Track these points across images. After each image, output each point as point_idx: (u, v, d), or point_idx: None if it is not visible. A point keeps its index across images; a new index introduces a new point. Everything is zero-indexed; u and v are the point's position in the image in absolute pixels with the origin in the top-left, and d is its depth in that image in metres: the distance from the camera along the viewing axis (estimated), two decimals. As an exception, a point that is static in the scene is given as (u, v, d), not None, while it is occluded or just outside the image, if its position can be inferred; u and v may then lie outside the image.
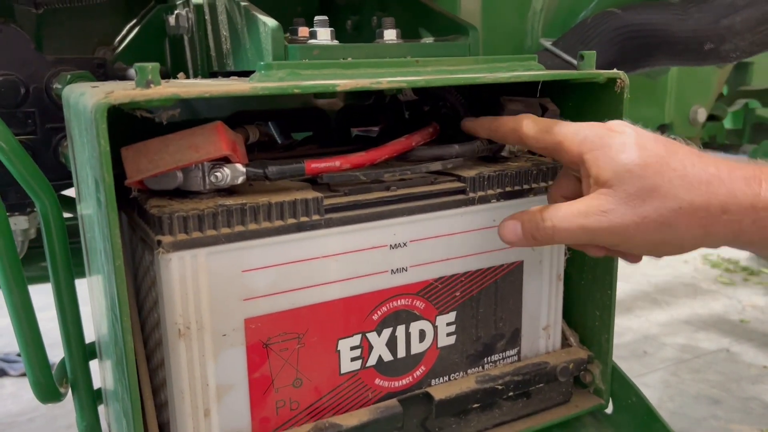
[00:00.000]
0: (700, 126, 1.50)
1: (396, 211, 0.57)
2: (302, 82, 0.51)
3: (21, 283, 0.61)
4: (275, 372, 0.55)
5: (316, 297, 0.55)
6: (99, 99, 0.43)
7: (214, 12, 0.76)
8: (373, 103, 0.81)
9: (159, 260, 0.49)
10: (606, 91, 0.65)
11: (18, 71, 0.72)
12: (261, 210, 0.52)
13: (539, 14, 1.13)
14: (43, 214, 0.62)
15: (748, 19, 0.92)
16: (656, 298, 2.64)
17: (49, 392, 0.63)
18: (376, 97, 0.80)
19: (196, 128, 0.49)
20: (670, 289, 2.74)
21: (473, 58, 0.63)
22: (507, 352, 0.66)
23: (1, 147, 0.59)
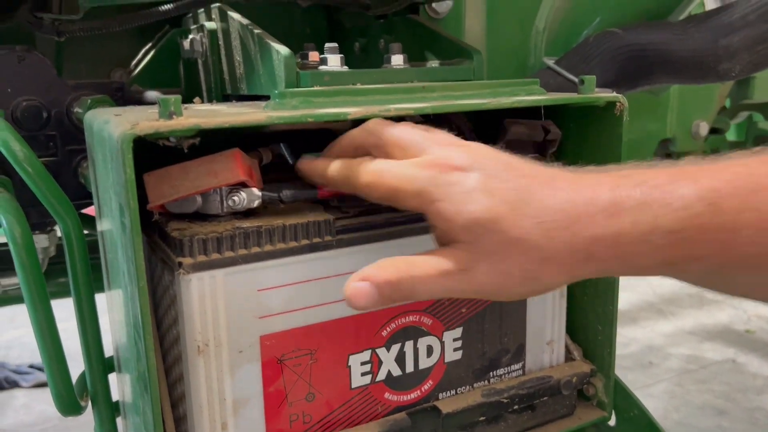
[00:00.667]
0: (703, 140, 1.52)
1: (403, 231, 0.60)
2: (315, 110, 0.54)
3: (45, 300, 0.63)
4: (289, 386, 0.57)
5: (328, 314, 0.58)
6: (125, 130, 0.46)
7: (228, 37, 0.79)
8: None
9: (180, 281, 0.51)
10: (606, 113, 0.67)
11: (41, 96, 0.74)
12: (276, 232, 0.54)
13: (542, 33, 1.16)
14: (66, 234, 0.64)
15: (745, 39, 0.94)
16: (662, 309, 2.65)
17: (70, 405, 0.66)
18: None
19: (215, 155, 0.52)
20: (676, 300, 2.75)
21: (477, 83, 0.65)
22: (512, 366, 0.69)
23: (26, 171, 0.62)
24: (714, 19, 0.98)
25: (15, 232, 0.61)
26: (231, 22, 0.77)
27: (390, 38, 0.93)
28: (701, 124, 1.49)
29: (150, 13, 0.77)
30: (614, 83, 1.04)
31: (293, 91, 0.58)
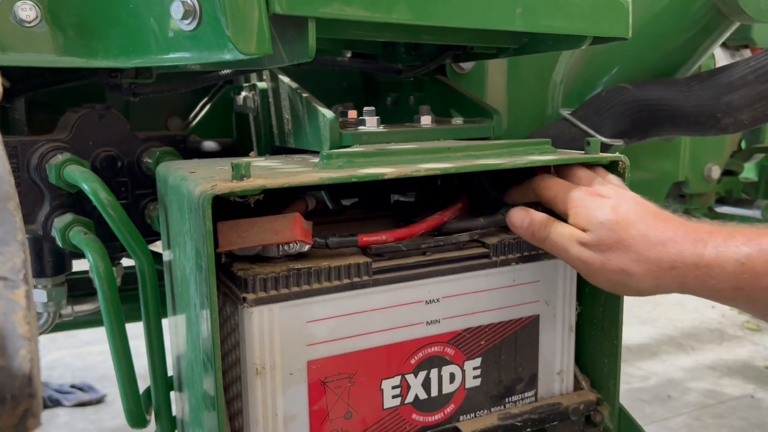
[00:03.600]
0: (715, 182, 1.59)
1: (431, 273, 0.69)
2: (358, 170, 0.64)
3: (121, 325, 0.74)
4: (330, 405, 0.66)
5: (365, 343, 0.67)
6: (205, 189, 0.57)
7: (278, 96, 0.90)
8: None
9: (243, 313, 0.61)
10: (611, 169, 0.76)
11: (116, 148, 0.86)
12: (323, 272, 0.64)
13: (559, 86, 1.26)
14: (140, 270, 0.75)
15: (745, 97, 1.03)
16: (682, 343, 2.69)
17: (139, 419, 0.76)
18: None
19: (279, 216, 0.62)
20: (696, 334, 2.78)
21: (496, 144, 0.75)
22: (525, 393, 0.77)
23: (111, 216, 0.73)
24: (716, 78, 1.07)
25: (100, 268, 0.72)
26: (281, 84, 0.89)
27: (419, 95, 1.03)
28: (713, 168, 1.56)
29: (211, 76, 0.88)
30: (626, 134, 1.14)
31: (338, 152, 0.68)
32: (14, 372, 0.30)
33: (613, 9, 0.77)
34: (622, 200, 0.67)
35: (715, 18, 1.07)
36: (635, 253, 0.63)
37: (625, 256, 0.64)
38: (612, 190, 0.69)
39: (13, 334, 0.31)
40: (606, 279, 0.66)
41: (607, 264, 0.65)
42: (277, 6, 0.59)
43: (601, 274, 0.66)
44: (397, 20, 0.66)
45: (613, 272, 0.65)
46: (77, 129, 0.83)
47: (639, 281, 0.64)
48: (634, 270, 0.64)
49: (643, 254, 0.63)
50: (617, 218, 0.65)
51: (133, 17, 0.69)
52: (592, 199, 0.67)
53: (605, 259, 0.65)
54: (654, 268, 0.63)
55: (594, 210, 0.66)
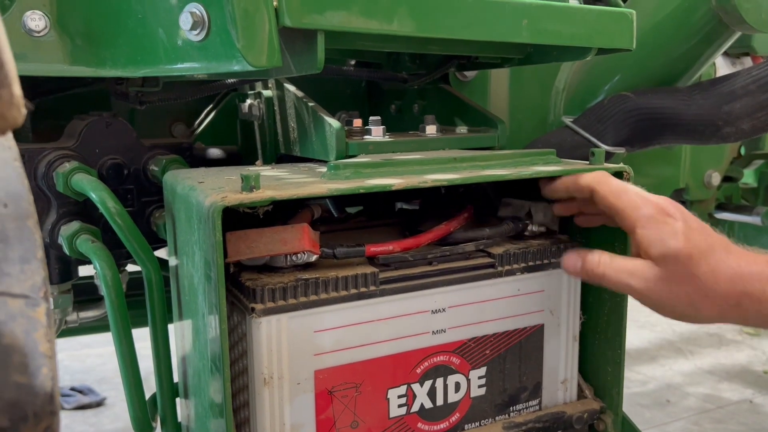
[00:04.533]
0: (715, 189, 1.60)
1: (437, 283, 0.70)
2: (365, 181, 0.64)
3: (128, 332, 0.74)
4: (337, 415, 0.67)
5: (372, 353, 0.68)
6: (216, 201, 0.57)
7: (283, 105, 0.91)
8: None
9: (251, 323, 0.62)
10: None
11: (122, 156, 0.87)
12: (330, 282, 0.65)
13: (561, 94, 1.27)
14: (147, 277, 0.76)
15: (746, 106, 1.04)
16: (680, 348, 2.69)
17: (145, 425, 0.76)
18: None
19: (287, 227, 0.63)
20: (695, 339, 2.79)
21: (501, 154, 0.76)
22: (530, 402, 0.77)
23: (118, 224, 0.73)
24: (718, 87, 1.07)
25: (107, 277, 0.73)
26: (286, 92, 0.89)
27: (423, 103, 1.04)
28: (713, 174, 1.57)
29: (217, 85, 0.89)
30: (627, 142, 1.14)
31: (345, 162, 0.69)
32: (36, 390, 0.31)
33: (617, 21, 0.77)
34: (690, 223, 0.65)
35: (717, 28, 1.08)
36: (704, 288, 0.63)
37: (695, 291, 0.63)
38: (672, 204, 0.67)
39: (34, 352, 0.32)
40: (671, 310, 0.65)
41: (674, 298, 0.64)
42: (287, 19, 0.60)
43: (665, 307, 0.65)
44: (405, 32, 0.66)
45: (678, 304, 0.65)
46: (84, 137, 0.84)
47: (703, 313, 0.64)
48: (702, 304, 0.64)
49: (711, 289, 0.63)
50: (690, 250, 0.63)
51: (141, 27, 0.70)
52: (663, 221, 0.65)
53: (672, 294, 0.64)
54: (720, 303, 0.63)
55: (668, 237, 0.64)
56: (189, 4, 0.63)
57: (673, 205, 0.67)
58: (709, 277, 0.63)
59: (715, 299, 0.63)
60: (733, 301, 0.63)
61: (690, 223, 0.65)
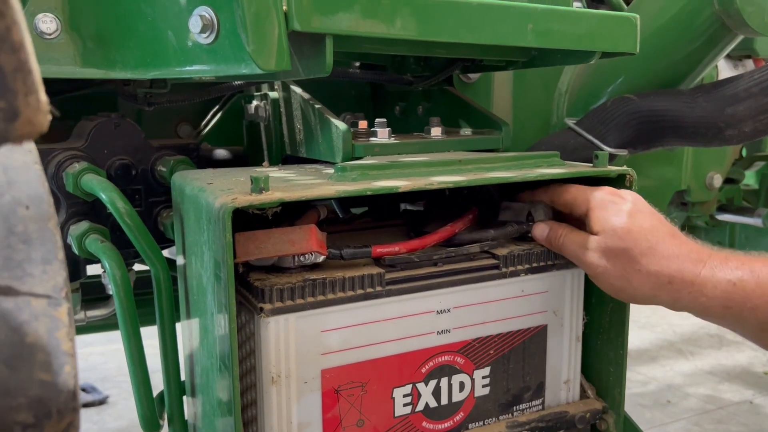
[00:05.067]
0: (717, 190, 1.61)
1: (442, 284, 0.71)
2: (372, 183, 0.65)
3: (137, 331, 0.75)
4: (343, 413, 0.68)
5: (378, 352, 0.69)
6: (226, 202, 0.58)
7: (290, 106, 0.91)
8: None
9: (260, 323, 0.63)
10: (618, 182, 0.78)
11: (131, 156, 0.87)
12: (337, 283, 0.65)
13: (564, 96, 1.28)
14: (155, 277, 0.76)
15: (749, 109, 1.05)
16: (681, 348, 2.70)
17: (153, 424, 0.77)
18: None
19: (296, 228, 0.64)
20: (696, 340, 2.80)
21: (506, 156, 0.77)
22: (533, 401, 0.78)
23: (128, 224, 0.74)
24: (721, 89, 1.08)
25: (116, 276, 0.74)
26: (293, 94, 0.90)
27: (428, 105, 1.05)
28: (715, 176, 1.58)
29: (225, 87, 0.90)
30: (630, 144, 1.15)
31: (352, 164, 0.69)
32: (59, 387, 0.32)
33: (622, 25, 0.78)
34: (639, 206, 0.69)
35: (720, 31, 1.09)
36: (638, 263, 0.67)
37: (629, 265, 0.67)
38: (631, 193, 0.72)
39: (57, 350, 0.33)
40: (607, 283, 0.70)
41: (610, 270, 0.68)
42: (296, 23, 0.61)
43: (603, 278, 0.70)
44: (412, 36, 0.67)
45: (615, 278, 0.68)
46: (93, 137, 0.85)
47: (637, 289, 0.68)
48: (635, 278, 0.67)
49: (644, 264, 0.66)
50: (630, 227, 0.67)
51: (151, 30, 0.71)
52: (611, 200, 0.70)
53: (610, 265, 0.68)
54: (653, 280, 0.66)
55: (611, 215, 0.69)
56: (198, 8, 0.64)
57: (628, 192, 0.72)
58: (645, 254, 0.66)
59: (649, 276, 0.66)
60: (665, 279, 0.66)
61: (638, 206, 0.69)
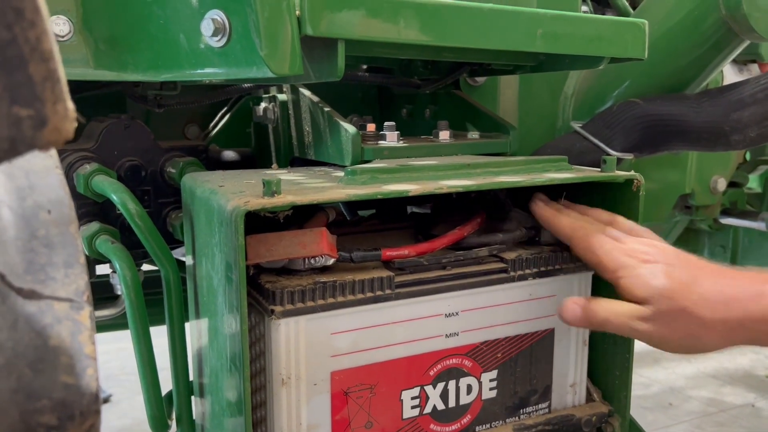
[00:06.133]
0: (720, 194, 1.61)
1: (450, 287, 0.71)
2: (382, 186, 0.66)
3: (146, 332, 0.76)
4: (352, 415, 0.68)
5: (386, 355, 0.69)
6: (238, 205, 0.58)
7: (298, 109, 0.92)
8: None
9: (270, 325, 0.63)
10: (626, 187, 0.78)
11: (140, 157, 0.88)
12: (347, 286, 0.66)
13: (570, 99, 1.28)
14: (165, 278, 0.77)
15: (754, 115, 1.05)
16: (683, 351, 2.70)
17: (161, 424, 0.78)
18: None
19: (306, 230, 0.64)
20: (698, 343, 2.80)
21: (514, 161, 0.77)
22: (539, 404, 0.79)
23: (139, 225, 0.75)
24: (726, 95, 1.08)
25: (127, 278, 0.74)
26: (301, 97, 0.91)
27: (435, 108, 1.05)
28: (719, 180, 1.58)
29: (234, 89, 0.90)
30: (636, 148, 1.15)
31: (362, 168, 0.70)
32: (83, 390, 0.32)
33: (631, 30, 0.78)
34: (668, 259, 0.66)
35: (726, 36, 1.09)
36: (700, 318, 0.63)
37: (692, 322, 0.63)
38: (652, 247, 0.68)
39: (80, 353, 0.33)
40: (676, 345, 0.66)
41: (674, 333, 0.64)
42: (309, 28, 0.61)
43: (669, 343, 0.66)
44: (422, 41, 0.67)
45: (682, 338, 0.65)
46: (103, 139, 0.85)
47: (708, 343, 0.65)
48: (703, 334, 0.64)
49: (708, 317, 0.63)
50: (673, 285, 0.64)
51: (163, 33, 0.71)
52: (640, 265, 0.66)
53: (671, 330, 0.64)
54: (722, 329, 0.63)
55: (649, 279, 0.65)
56: (210, 11, 0.65)
57: (648, 246, 0.68)
58: (701, 306, 0.63)
59: (715, 326, 0.63)
60: (734, 324, 0.63)
61: (669, 260, 0.66)
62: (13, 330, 0.31)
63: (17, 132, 0.27)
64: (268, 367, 0.65)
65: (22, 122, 0.27)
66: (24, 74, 0.27)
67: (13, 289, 0.32)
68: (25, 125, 0.27)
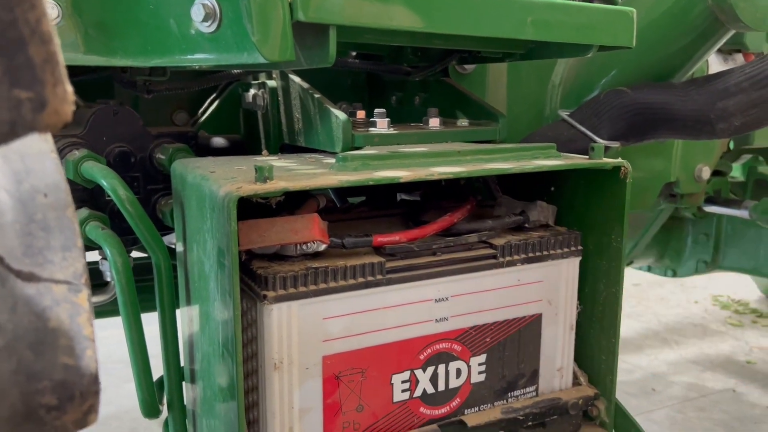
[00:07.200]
0: (705, 182, 1.63)
1: (440, 273, 0.72)
2: (374, 173, 0.66)
3: (137, 318, 0.76)
4: (343, 399, 0.69)
5: (377, 340, 0.70)
6: (231, 191, 0.59)
7: (288, 95, 0.92)
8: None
9: (263, 310, 0.64)
10: (613, 175, 0.79)
11: (129, 144, 0.88)
12: (339, 271, 0.66)
13: (557, 87, 1.29)
14: (156, 264, 0.77)
15: (740, 103, 1.06)
16: (666, 338, 2.75)
17: (153, 409, 0.78)
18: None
19: (298, 217, 0.64)
20: (680, 329, 2.85)
21: (504, 148, 0.78)
22: (527, 388, 0.80)
23: (129, 211, 0.75)
24: (712, 84, 1.10)
25: (118, 263, 0.74)
26: (291, 83, 0.90)
27: (424, 95, 1.06)
28: (704, 168, 1.60)
29: (223, 75, 0.90)
30: (623, 136, 1.16)
31: (353, 154, 0.70)
32: (82, 371, 0.33)
33: (619, 20, 0.79)
34: None
35: (713, 25, 1.10)
36: None
37: None
38: None
39: (79, 335, 0.33)
40: None
41: None
42: (300, 14, 0.61)
43: None
44: (414, 28, 0.68)
45: None
46: (92, 125, 0.85)
47: None
48: None
49: None
50: None
51: (153, 18, 0.71)
52: None
53: None
54: None
55: None
56: (201, -4, 0.64)
57: None
58: None
59: None
60: None
61: None
62: (13, 312, 0.31)
63: (17, 115, 0.27)
64: (260, 352, 0.66)
65: (22, 105, 0.27)
66: (24, 56, 0.27)
67: (12, 271, 0.32)
68: (25, 108, 0.27)
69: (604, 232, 0.81)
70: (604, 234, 0.81)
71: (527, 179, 0.85)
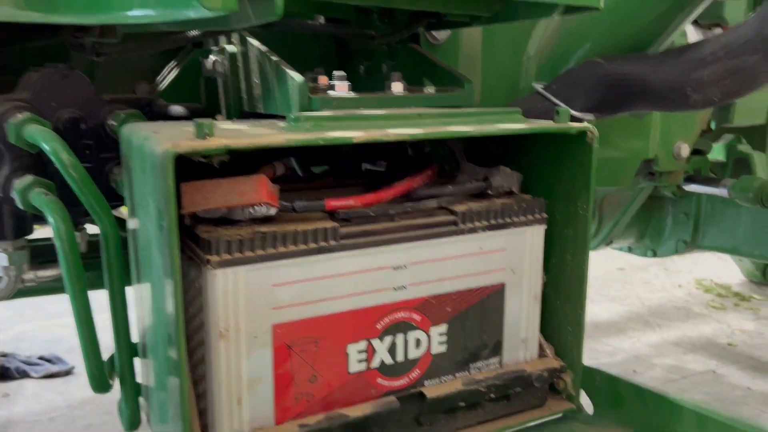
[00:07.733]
0: (684, 160, 1.61)
1: (398, 239, 0.69)
2: (326, 133, 0.63)
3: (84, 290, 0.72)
4: (296, 369, 0.66)
5: (331, 308, 0.67)
6: (167, 148, 0.55)
7: (247, 61, 0.88)
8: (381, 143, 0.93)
9: (207, 275, 0.61)
10: (579, 140, 0.77)
11: (80, 110, 0.84)
12: (289, 236, 0.64)
13: (532, 59, 1.26)
14: (103, 234, 0.74)
15: (714, 73, 1.04)
16: (649, 320, 2.74)
17: (102, 384, 0.75)
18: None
19: (244, 178, 0.61)
20: (663, 312, 2.84)
21: (466, 111, 0.75)
22: (490, 359, 0.78)
23: (73, 177, 0.71)
24: (687, 54, 1.07)
25: (61, 230, 0.71)
26: (250, 48, 0.87)
27: (392, 63, 1.02)
28: (683, 146, 1.58)
29: (178, 38, 0.86)
30: (597, 108, 1.14)
31: (307, 115, 0.67)
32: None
33: (585, -22, 0.76)
34: None
35: (688, -7, 1.08)
36: None
37: None
38: None
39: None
40: None
41: None
42: (243, -39, 0.58)
43: None
44: (368, -19, 0.64)
45: None
46: (39, 88, 0.81)
47: None
48: None
49: None
50: None
51: (95, -28, 0.67)
52: None
53: None
54: None
55: None
56: (143, -53, 0.61)
57: None
58: None
59: None
60: None
61: None
62: None
63: None
64: (206, 320, 0.63)
65: None
66: None
67: None
68: None
69: (570, 201, 0.78)
70: (570, 203, 0.78)
71: (493, 146, 0.83)
